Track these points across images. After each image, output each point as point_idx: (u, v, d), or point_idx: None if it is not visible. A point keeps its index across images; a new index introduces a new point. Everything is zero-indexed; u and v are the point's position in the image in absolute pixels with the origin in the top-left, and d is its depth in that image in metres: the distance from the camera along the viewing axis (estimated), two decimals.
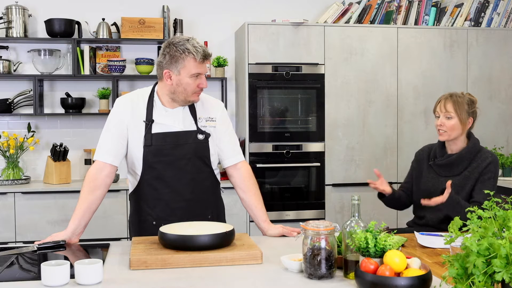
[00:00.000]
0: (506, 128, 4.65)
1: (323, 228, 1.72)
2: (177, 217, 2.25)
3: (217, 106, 2.43)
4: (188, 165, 2.29)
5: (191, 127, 2.31)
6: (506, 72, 4.64)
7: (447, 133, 2.58)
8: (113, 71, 4.41)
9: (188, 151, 2.29)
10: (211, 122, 2.36)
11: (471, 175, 2.57)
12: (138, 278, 1.75)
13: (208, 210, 2.38)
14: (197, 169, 2.32)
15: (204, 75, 2.28)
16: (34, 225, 3.98)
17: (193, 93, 2.27)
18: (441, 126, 2.58)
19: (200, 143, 2.31)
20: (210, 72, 4.56)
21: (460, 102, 2.57)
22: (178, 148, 2.28)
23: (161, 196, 2.31)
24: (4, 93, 4.42)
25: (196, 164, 2.31)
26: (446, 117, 2.57)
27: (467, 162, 2.59)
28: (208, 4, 4.72)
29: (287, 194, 4.33)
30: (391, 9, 4.59)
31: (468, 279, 1.28)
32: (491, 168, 2.56)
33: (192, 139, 2.30)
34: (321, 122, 4.35)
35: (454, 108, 2.56)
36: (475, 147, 2.61)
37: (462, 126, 2.58)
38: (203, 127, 2.34)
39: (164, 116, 2.31)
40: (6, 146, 4.23)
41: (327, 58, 4.36)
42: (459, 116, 2.56)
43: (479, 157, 2.59)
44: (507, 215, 1.35)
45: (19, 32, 4.30)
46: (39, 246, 2.10)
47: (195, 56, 2.21)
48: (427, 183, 2.68)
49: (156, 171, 2.28)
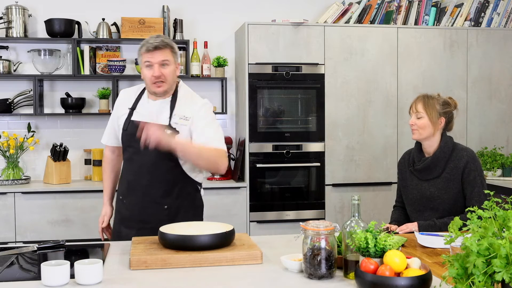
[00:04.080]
0: (506, 128, 4.65)
1: (323, 228, 1.72)
2: (134, 198, 2.50)
3: (196, 106, 2.48)
4: (151, 155, 2.42)
5: (162, 121, 2.43)
6: (506, 72, 4.64)
7: (418, 131, 2.65)
8: (113, 71, 4.41)
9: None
10: (184, 121, 2.44)
11: (452, 177, 2.60)
12: (138, 278, 1.76)
13: (165, 200, 2.46)
14: (159, 160, 2.43)
15: (157, 65, 2.40)
16: (34, 225, 3.98)
17: (152, 83, 2.44)
18: (413, 125, 2.67)
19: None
20: (210, 72, 4.56)
21: (430, 103, 2.65)
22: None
23: (127, 176, 2.55)
24: (4, 93, 4.42)
25: (159, 155, 2.40)
26: (417, 117, 2.66)
27: (444, 162, 2.63)
28: (208, 4, 4.72)
29: (287, 194, 4.33)
30: (391, 9, 4.59)
31: (468, 279, 1.28)
32: (471, 167, 2.59)
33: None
34: (321, 122, 4.35)
35: (424, 108, 2.64)
36: (447, 145, 2.65)
37: (432, 126, 2.64)
38: (175, 123, 2.44)
39: (145, 107, 2.51)
40: (6, 146, 4.23)
41: (327, 58, 4.36)
42: (429, 116, 2.63)
43: (454, 156, 2.63)
44: (507, 215, 1.35)
45: (19, 32, 4.30)
46: (39, 246, 2.10)
47: (146, 45, 2.42)
48: (413, 190, 2.72)
49: (128, 153, 2.52)
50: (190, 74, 4.50)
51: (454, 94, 4.51)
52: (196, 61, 4.51)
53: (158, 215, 2.44)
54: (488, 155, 4.46)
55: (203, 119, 2.47)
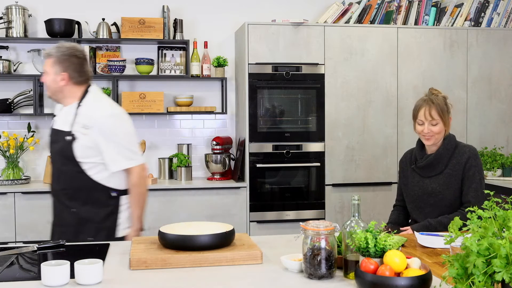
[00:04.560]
0: (506, 128, 4.65)
1: (323, 228, 1.72)
2: (52, 201, 2.64)
3: (98, 116, 2.52)
4: (58, 161, 2.57)
5: (66, 127, 2.53)
6: (506, 72, 4.64)
7: (435, 137, 2.60)
8: (113, 71, 4.41)
9: (57, 148, 2.55)
10: (84, 129, 2.49)
11: (454, 173, 2.60)
12: (138, 278, 1.75)
13: (72, 204, 2.54)
14: (64, 166, 2.54)
15: (44, 72, 2.58)
16: (34, 225, 3.97)
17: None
18: (429, 132, 2.59)
19: (67, 143, 2.49)
20: (210, 72, 4.56)
21: (442, 106, 2.59)
22: (53, 143, 2.61)
23: (52, 177, 2.66)
24: (4, 93, 4.42)
25: (64, 161, 2.53)
26: (432, 124, 2.58)
27: (447, 159, 2.62)
28: (208, 4, 4.72)
29: (287, 194, 4.33)
30: (391, 9, 4.59)
31: (468, 279, 1.28)
32: (472, 163, 2.59)
33: (62, 138, 2.52)
34: (321, 122, 4.35)
35: (439, 114, 2.58)
36: (451, 142, 2.64)
37: (446, 128, 2.62)
38: (76, 131, 2.50)
39: (59, 114, 2.65)
40: (6, 146, 4.23)
41: (327, 58, 4.36)
42: (443, 120, 2.59)
43: (457, 153, 2.62)
44: (507, 215, 1.35)
45: (19, 32, 4.30)
46: (39, 246, 2.10)
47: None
48: (414, 187, 2.71)
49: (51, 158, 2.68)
50: (190, 74, 4.50)
51: (454, 94, 4.52)
52: (196, 61, 4.51)
53: (67, 218, 2.54)
54: (488, 155, 4.46)
55: (103, 134, 2.49)
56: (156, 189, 4.14)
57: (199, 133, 4.73)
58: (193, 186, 4.21)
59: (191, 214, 4.11)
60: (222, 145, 4.45)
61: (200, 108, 4.52)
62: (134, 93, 4.42)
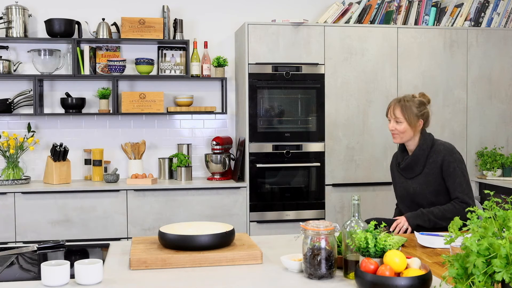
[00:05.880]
0: (506, 128, 4.65)
1: (323, 228, 1.72)
2: None
3: None
4: None
5: None
6: (506, 72, 4.64)
7: (399, 136, 2.70)
8: (113, 71, 4.41)
9: None
10: None
11: (431, 171, 2.67)
12: (138, 278, 1.76)
13: None
14: None
15: None
16: (34, 225, 3.98)
17: None
18: (393, 130, 2.71)
19: None
20: (210, 72, 4.56)
21: (407, 107, 2.67)
22: None
23: None
24: (4, 93, 4.42)
25: None
26: (396, 122, 2.69)
27: (424, 159, 2.69)
28: (208, 4, 4.72)
29: (287, 194, 4.33)
30: (391, 9, 4.59)
31: (468, 279, 1.28)
32: (449, 159, 2.64)
33: None
34: (321, 122, 4.35)
35: (402, 113, 2.67)
36: (426, 143, 2.70)
37: (412, 129, 2.69)
38: None
39: None
40: (6, 146, 4.23)
41: (327, 58, 4.36)
42: (408, 120, 2.67)
43: (433, 151, 2.69)
44: (507, 215, 1.35)
45: (19, 32, 4.30)
46: (39, 246, 2.10)
47: None
48: (400, 187, 2.81)
49: None
50: (190, 74, 4.50)
51: (454, 94, 4.53)
52: (196, 61, 4.51)
53: None
54: (488, 155, 4.46)
55: None
56: (156, 189, 4.14)
57: (199, 133, 4.73)
58: (193, 186, 4.21)
59: (191, 214, 4.11)
60: (222, 145, 4.45)
61: (200, 108, 4.52)
62: (134, 93, 4.42)
